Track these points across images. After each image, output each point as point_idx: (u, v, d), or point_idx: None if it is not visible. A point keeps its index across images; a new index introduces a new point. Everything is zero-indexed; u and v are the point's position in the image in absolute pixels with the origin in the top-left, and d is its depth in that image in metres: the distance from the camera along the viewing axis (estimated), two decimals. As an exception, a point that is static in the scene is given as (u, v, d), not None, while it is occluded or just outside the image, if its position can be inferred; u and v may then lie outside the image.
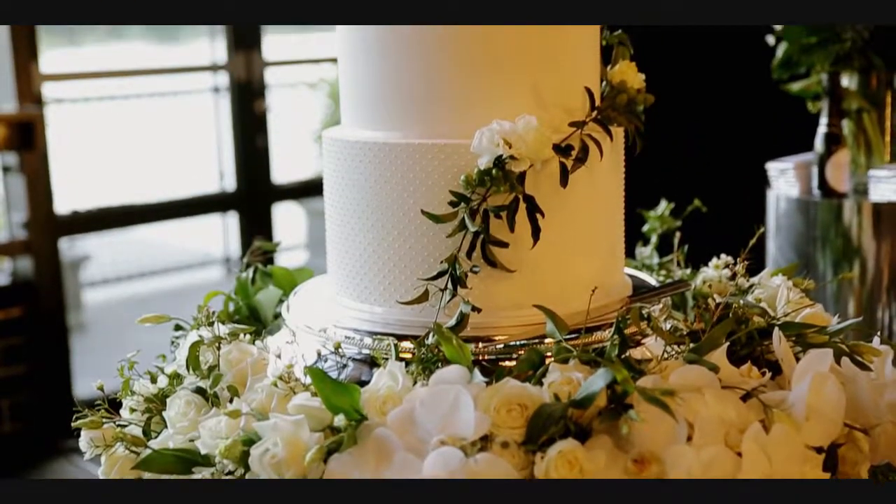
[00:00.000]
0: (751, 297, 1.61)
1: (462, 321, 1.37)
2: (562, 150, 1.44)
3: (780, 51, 2.72)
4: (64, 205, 4.65)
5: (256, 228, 5.38)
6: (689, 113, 4.03)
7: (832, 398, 1.28)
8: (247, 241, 5.42)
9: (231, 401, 1.40)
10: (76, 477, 3.87)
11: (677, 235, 1.92)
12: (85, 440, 1.46)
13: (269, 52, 5.37)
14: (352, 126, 1.58)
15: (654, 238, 1.98)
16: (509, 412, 1.22)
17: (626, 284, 1.64)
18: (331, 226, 1.60)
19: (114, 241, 6.73)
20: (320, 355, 1.47)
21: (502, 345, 1.42)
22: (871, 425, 1.36)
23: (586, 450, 1.19)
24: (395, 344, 1.41)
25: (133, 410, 1.49)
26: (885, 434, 1.36)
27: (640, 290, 1.63)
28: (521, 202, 1.41)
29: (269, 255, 1.95)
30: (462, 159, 1.43)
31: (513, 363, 1.36)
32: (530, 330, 1.42)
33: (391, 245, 1.48)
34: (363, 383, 1.30)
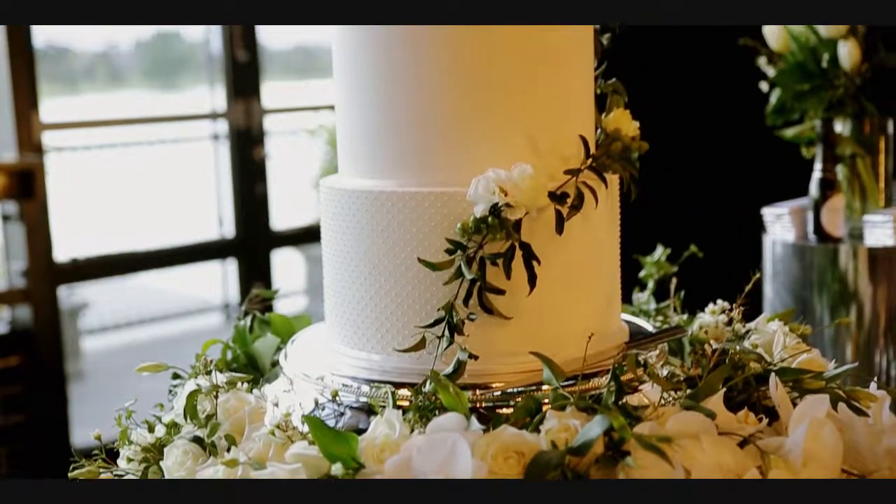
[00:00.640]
0: (747, 342, 1.62)
1: (459, 368, 1.38)
2: (557, 197, 1.45)
3: (774, 97, 2.75)
4: (63, 252, 4.66)
5: (255, 275, 5.39)
6: (685, 159, 4.06)
7: (829, 444, 1.28)
8: (246, 288, 5.43)
9: (228, 450, 1.40)
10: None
11: (674, 281, 1.93)
12: (82, 490, 1.45)
13: (268, 99, 5.41)
14: (349, 175, 1.60)
15: (650, 284, 1.98)
16: (506, 460, 1.22)
17: (622, 330, 1.65)
18: (328, 274, 1.60)
19: (113, 289, 6.74)
20: (318, 403, 1.47)
21: (499, 392, 1.42)
22: (868, 471, 1.36)
23: (584, 497, 1.18)
24: (393, 392, 1.41)
25: (130, 460, 1.49)
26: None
27: (637, 336, 1.63)
28: (518, 249, 1.42)
29: (267, 303, 1.95)
30: (458, 207, 1.44)
31: (510, 410, 1.36)
32: (527, 377, 1.43)
33: (388, 293, 1.49)
34: (361, 431, 1.30)
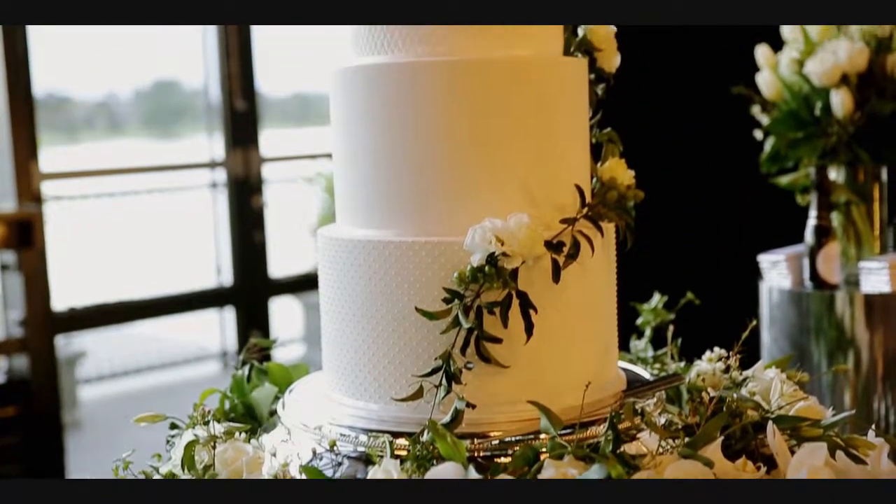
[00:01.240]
0: (745, 390, 1.62)
1: (457, 418, 1.38)
2: (553, 246, 1.46)
3: (768, 145, 2.77)
4: (61, 301, 4.66)
5: (253, 322, 5.38)
6: (681, 207, 4.07)
7: (827, 492, 1.27)
8: (243, 335, 5.42)
9: (226, 500, 1.39)
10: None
11: (671, 328, 1.93)
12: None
13: (267, 147, 5.44)
14: (346, 224, 1.61)
15: (647, 331, 1.99)
16: (505, 510, 1.22)
17: (620, 378, 1.65)
18: (326, 323, 1.61)
19: (110, 337, 6.72)
20: (315, 453, 1.47)
21: (497, 441, 1.42)
22: (867, 519, 1.35)
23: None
24: (391, 441, 1.41)
25: (127, 511, 1.49)
26: (881, 528, 1.35)
27: (635, 384, 1.63)
28: (514, 298, 1.43)
29: (265, 352, 1.95)
30: (455, 256, 1.45)
31: (508, 459, 1.36)
32: (525, 426, 1.43)
33: (386, 342, 1.49)
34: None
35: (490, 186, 1.51)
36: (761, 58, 2.78)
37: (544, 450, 1.34)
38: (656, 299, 2.02)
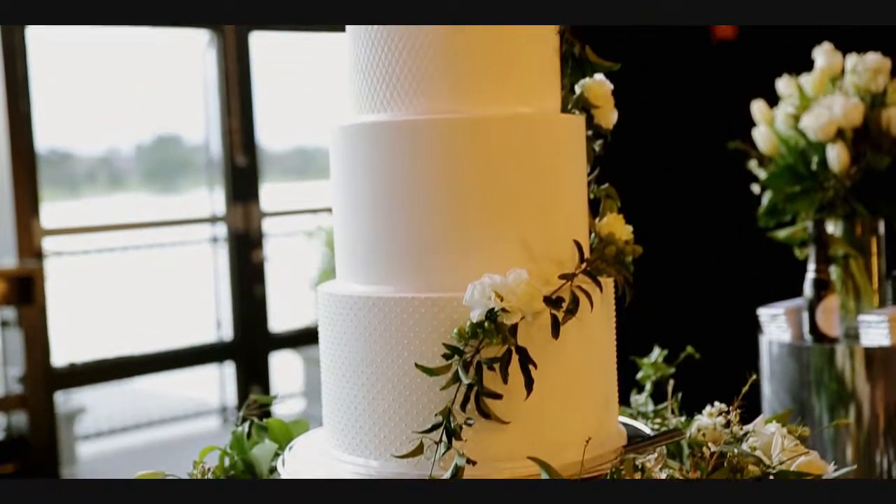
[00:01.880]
0: (746, 445, 1.62)
1: (457, 474, 1.37)
2: (553, 302, 1.47)
3: (766, 199, 2.79)
4: (61, 357, 4.66)
5: (253, 377, 5.37)
6: (680, 261, 4.09)
7: (829, 548, 1.27)
8: (243, 390, 5.41)
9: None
10: None
11: (671, 383, 1.93)
12: None
13: (267, 202, 5.46)
14: (346, 280, 1.62)
15: (648, 385, 1.99)
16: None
17: (620, 433, 1.65)
18: (326, 379, 1.61)
19: (110, 393, 6.70)
20: (315, 510, 1.46)
21: (498, 497, 1.41)
22: (870, 576, 1.35)
23: None
24: (391, 498, 1.40)
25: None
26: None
27: (635, 439, 1.63)
28: (514, 354, 1.43)
29: (265, 408, 1.95)
30: (454, 312, 1.45)
31: (508, 516, 1.35)
32: (525, 482, 1.42)
33: (386, 398, 1.49)
34: (358, 539, 1.29)
35: (489, 242, 1.52)
36: (757, 113, 2.80)
37: (545, 506, 1.33)
38: (656, 353, 2.02)
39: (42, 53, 4.72)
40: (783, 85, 2.79)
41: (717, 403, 1.76)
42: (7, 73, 4.40)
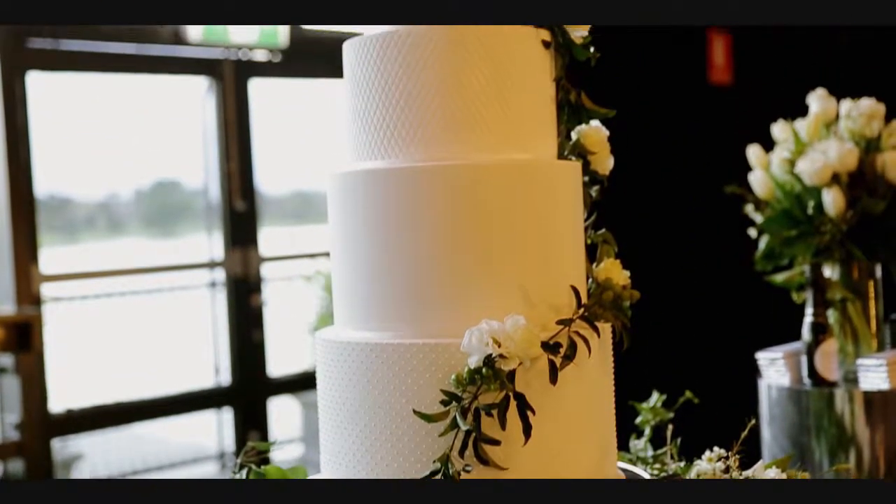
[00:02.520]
0: (745, 490, 1.61)
1: (455, 521, 1.37)
2: (550, 347, 1.47)
3: (762, 243, 2.79)
4: (58, 403, 4.64)
5: (251, 423, 5.35)
6: (677, 306, 4.10)
7: None
8: (242, 436, 5.38)
9: None
10: None
11: (670, 427, 1.93)
12: None
13: (266, 246, 5.47)
14: (344, 326, 1.62)
15: (647, 430, 1.98)
16: None
17: (619, 479, 1.64)
18: (324, 424, 1.61)
19: (107, 439, 6.66)
20: (313, 559, 1.46)
21: (496, 545, 1.41)
22: None
23: None
24: (389, 546, 1.40)
25: None
26: None
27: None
28: (512, 400, 1.43)
29: (263, 455, 1.94)
30: (452, 359, 1.46)
31: (507, 564, 1.35)
32: (524, 529, 1.42)
33: (384, 445, 1.49)
34: (356, 588, 1.29)
35: (487, 288, 1.53)
36: (753, 157, 2.82)
37: (544, 554, 1.33)
38: (655, 398, 2.02)
39: (42, 100, 4.75)
40: (778, 130, 2.81)
41: (716, 448, 1.75)
42: (7, 120, 4.43)
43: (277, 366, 5.72)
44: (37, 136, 4.62)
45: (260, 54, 5.29)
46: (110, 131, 5.37)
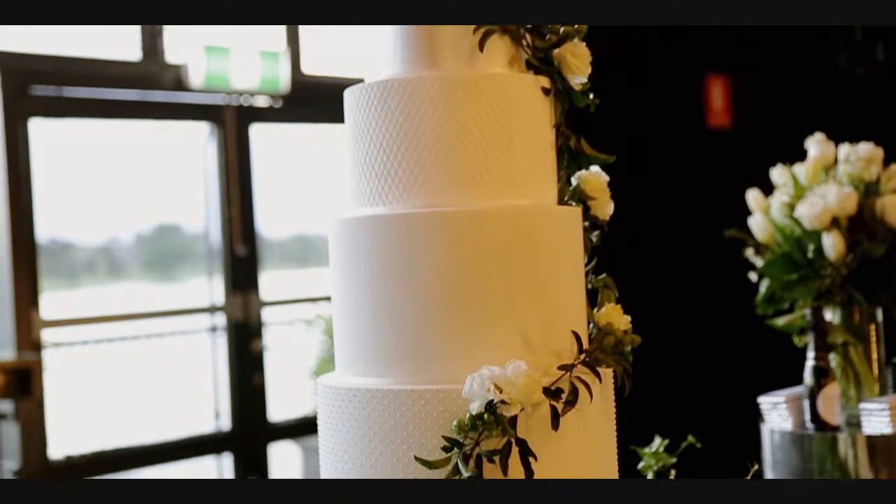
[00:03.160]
0: (748, 537, 1.60)
1: (457, 569, 1.36)
2: (552, 393, 1.47)
3: (763, 287, 2.79)
4: (58, 450, 4.62)
5: (252, 468, 5.32)
6: (679, 350, 4.09)
7: None
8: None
9: None
10: None
11: (673, 473, 1.92)
12: None
13: (266, 291, 5.47)
14: (345, 372, 1.62)
15: (649, 475, 1.97)
16: None
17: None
18: (325, 470, 1.60)
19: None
20: None
21: None
22: None
23: None
24: None
25: None
26: None
27: (637, 532, 1.61)
28: (514, 446, 1.42)
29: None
30: (454, 404, 1.45)
31: None
32: (526, 577, 1.41)
33: (385, 492, 1.48)
34: None
35: (488, 334, 1.53)
36: (753, 201, 2.83)
37: None
38: (657, 443, 2.01)
39: (44, 146, 4.78)
40: (777, 174, 2.82)
41: (719, 494, 1.74)
42: (9, 166, 4.45)
43: (278, 410, 5.70)
44: (39, 182, 4.64)
45: (261, 100, 5.33)
46: (112, 176, 5.39)
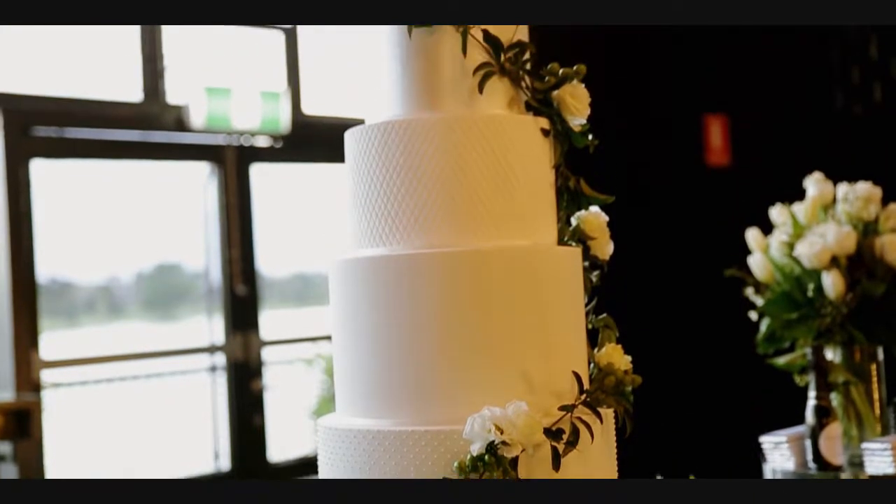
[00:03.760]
0: (751, 579, 1.59)
1: None
2: (553, 434, 1.47)
3: (763, 326, 2.79)
4: (55, 490, 4.58)
5: (250, 510, 5.28)
6: (680, 390, 4.08)
7: None
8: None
9: None
10: None
11: (674, 514, 1.90)
12: None
13: (266, 330, 5.46)
14: (345, 412, 1.61)
15: (651, 517, 1.96)
16: None
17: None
18: (325, 514, 1.59)
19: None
20: None
21: None
22: None
23: None
24: None
25: None
26: None
27: (639, 574, 1.60)
28: (515, 487, 1.42)
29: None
30: (455, 445, 1.45)
31: None
32: None
33: (386, 534, 1.48)
34: None
35: (488, 374, 1.53)
36: (752, 240, 2.83)
37: None
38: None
39: (46, 186, 4.79)
40: (776, 213, 2.83)
41: (721, 536, 1.73)
42: (10, 207, 4.47)
43: (278, 451, 5.67)
44: (39, 222, 4.65)
45: (262, 140, 5.35)
46: (112, 216, 5.40)
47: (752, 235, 2.85)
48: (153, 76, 4.91)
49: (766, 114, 5.67)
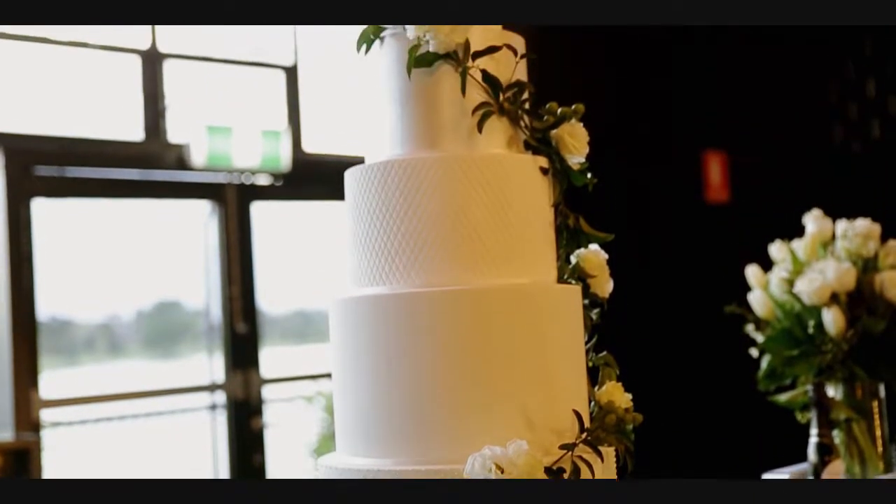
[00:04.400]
0: None
1: None
2: (553, 472, 1.46)
3: (764, 363, 2.79)
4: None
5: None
6: (681, 428, 4.06)
7: None
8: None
9: None
10: None
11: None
12: None
13: (267, 368, 5.45)
14: (345, 452, 1.61)
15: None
16: None
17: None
18: (325, 554, 1.59)
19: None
20: None
21: None
22: None
23: None
24: None
25: None
26: None
27: None
28: (516, 527, 1.41)
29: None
30: (455, 485, 1.44)
31: None
32: None
33: (386, 575, 1.47)
34: None
35: (488, 413, 1.52)
36: (752, 277, 2.83)
37: None
38: (660, 523, 1.98)
39: (47, 225, 4.80)
40: (776, 250, 2.83)
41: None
42: (11, 246, 4.47)
43: (277, 490, 5.64)
44: (40, 260, 4.66)
45: (262, 178, 5.37)
46: (113, 254, 5.41)
47: (752, 272, 2.85)
48: (154, 115, 4.94)
49: (766, 150, 5.70)
